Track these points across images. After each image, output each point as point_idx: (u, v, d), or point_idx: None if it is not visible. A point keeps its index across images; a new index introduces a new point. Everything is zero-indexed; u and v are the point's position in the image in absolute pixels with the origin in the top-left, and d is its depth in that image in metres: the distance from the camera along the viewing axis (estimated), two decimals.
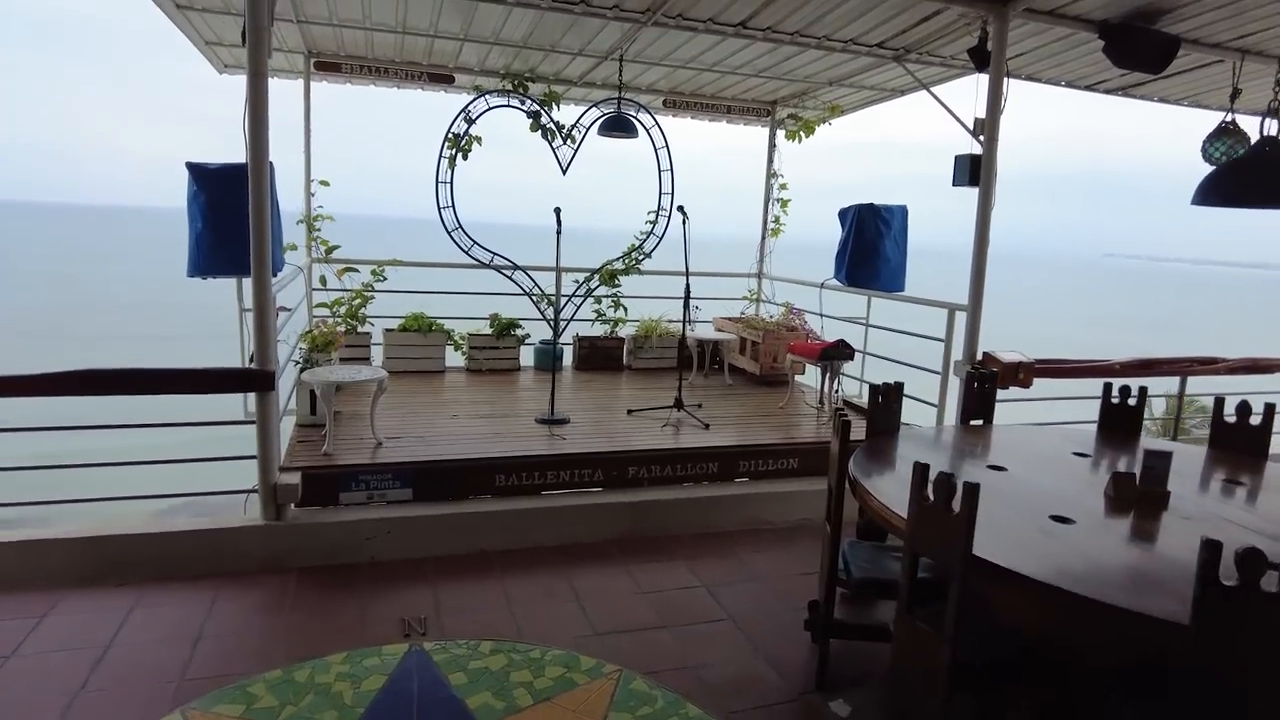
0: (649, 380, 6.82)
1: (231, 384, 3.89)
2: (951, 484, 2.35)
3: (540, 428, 5.08)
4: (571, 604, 3.60)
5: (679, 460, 4.78)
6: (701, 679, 3.06)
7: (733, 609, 3.64)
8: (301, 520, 3.94)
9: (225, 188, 4.78)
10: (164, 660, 3.02)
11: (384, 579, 3.77)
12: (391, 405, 5.36)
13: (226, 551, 3.81)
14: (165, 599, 3.51)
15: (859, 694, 3.03)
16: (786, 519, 4.76)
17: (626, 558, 4.14)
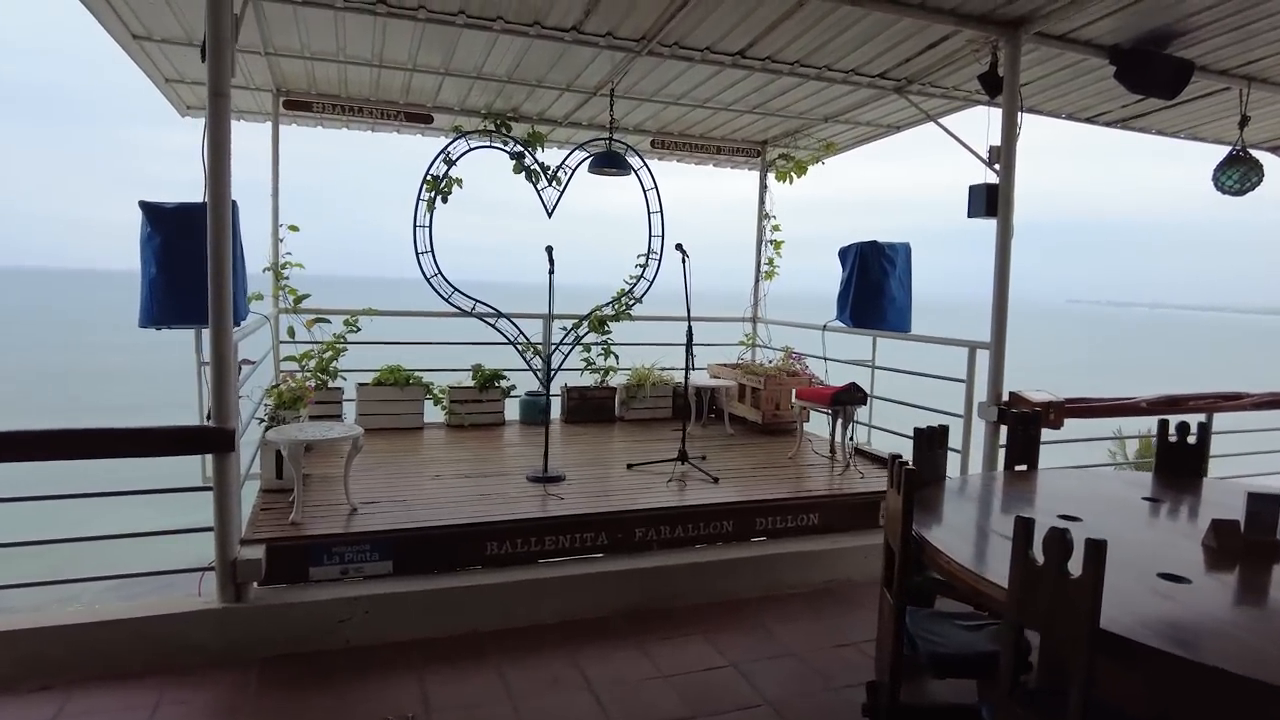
0: (644, 432, 6.37)
1: (185, 445, 3.38)
2: (1067, 542, 1.93)
3: (533, 487, 4.60)
4: (583, 693, 3.08)
5: (689, 519, 4.31)
6: None
7: (769, 692, 3.15)
8: (265, 601, 3.40)
9: (182, 229, 4.33)
10: None
11: (362, 669, 3.23)
12: (367, 466, 4.85)
13: (174, 642, 3.25)
14: (97, 705, 2.94)
15: None
16: (811, 582, 4.30)
17: (639, 634, 3.64)
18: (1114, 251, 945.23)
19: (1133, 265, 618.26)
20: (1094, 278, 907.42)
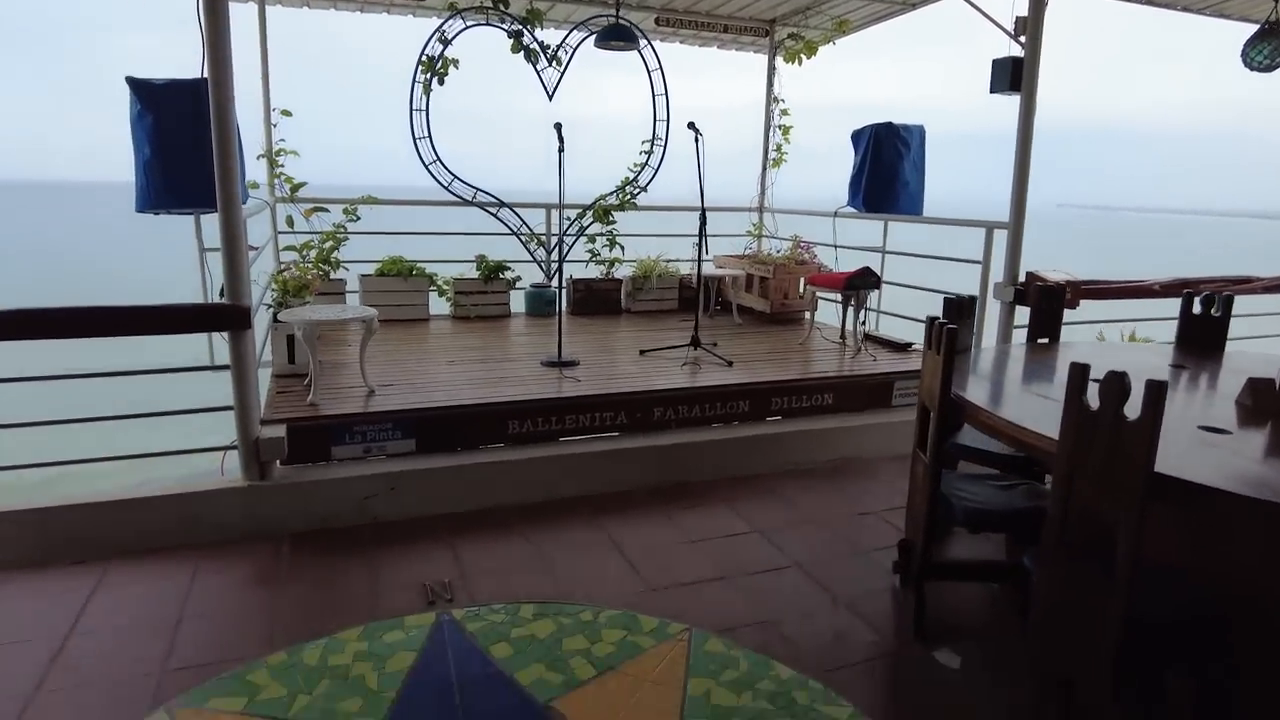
0: (652, 323, 6.32)
1: (200, 322, 3.29)
2: (1125, 385, 1.91)
3: (548, 371, 4.57)
4: (615, 557, 3.13)
5: (706, 400, 4.31)
6: (784, 636, 2.63)
7: (796, 555, 3.21)
8: (290, 479, 3.40)
9: (176, 106, 4.12)
10: (138, 650, 2.49)
11: (393, 541, 3.26)
12: (378, 353, 4.79)
13: (204, 519, 3.26)
14: (133, 578, 2.96)
15: (966, 644, 2.63)
16: (828, 458, 4.34)
17: (663, 505, 3.68)
18: (1102, 156, 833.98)
19: (1120, 169, 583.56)
20: (1081, 183, 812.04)
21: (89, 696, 2.26)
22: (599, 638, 2.53)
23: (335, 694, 2.22)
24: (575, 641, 2.50)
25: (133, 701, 2.23)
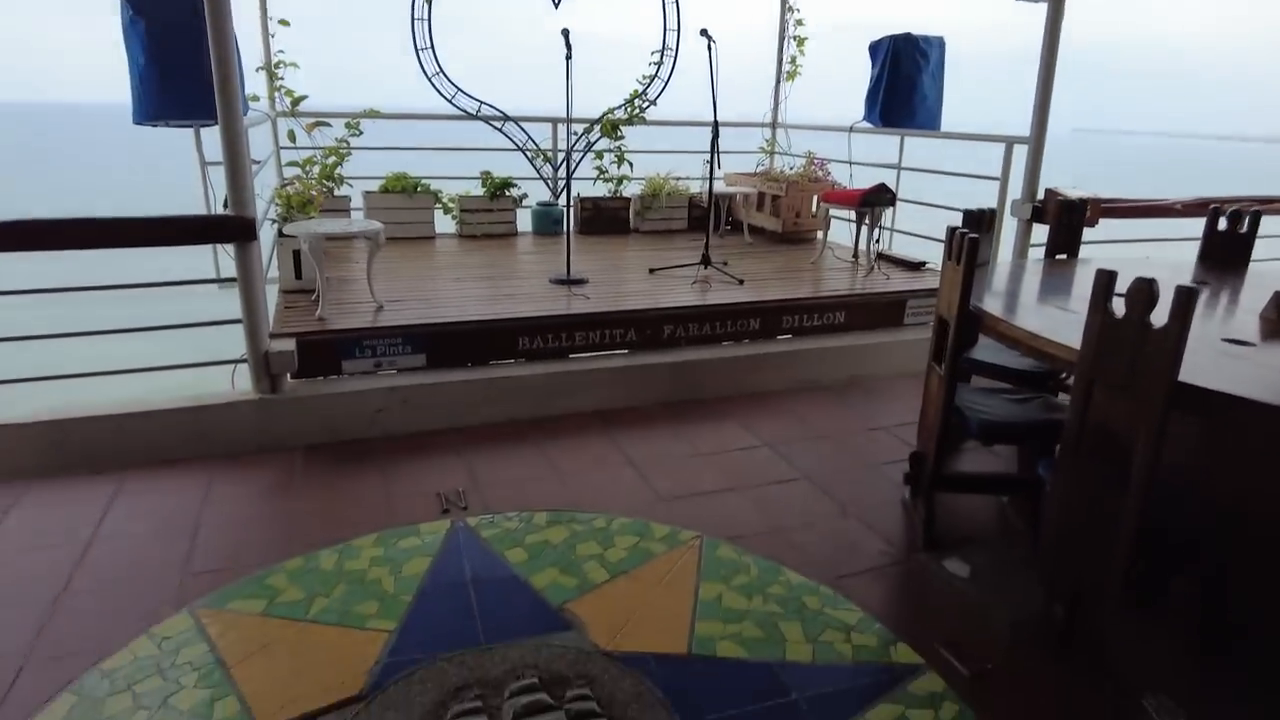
0: (661, 242, 6.22)
1: (204, 234, 3.25)
2: (1154, 292, 1.86)
3: (557, 289, 4.52)
4: (627, 470, 3.15)
5: (717, 317, 4.27)
6: (793, 543, 2.66)
7: (806, 468, 3.22)
8: (301, 393, 3.40)
9: (169, 11, 3.98)
10: (160, 555, 2.54)
11: (406, 453, 3.29)
12: (385, 270, 4.74)
13: (216, 431, 3.28)
14: (150, 487, 2.99)
15: (974, 553, 2.65)
16: (838, 376, 4.32)
17: (674, 420, 3.69)
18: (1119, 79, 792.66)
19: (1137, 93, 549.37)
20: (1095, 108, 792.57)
21: (114, 597, 2.31)
22: (612, 544, 2.56)
23: (352, 597, 2.27)
24: (588, 547, 2.54)
25: (156, 603, 2.27)
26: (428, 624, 2.15)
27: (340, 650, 2.04)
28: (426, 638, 2.09)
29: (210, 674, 1.96)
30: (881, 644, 2.15)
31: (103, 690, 1.91)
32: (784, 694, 1.93)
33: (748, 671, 2.01)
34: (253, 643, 2.07)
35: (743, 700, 1.91)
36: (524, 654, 2.04)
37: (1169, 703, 2.01)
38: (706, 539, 2.62)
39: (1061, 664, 2.13)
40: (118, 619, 2.20)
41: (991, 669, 2.09)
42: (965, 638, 2.21)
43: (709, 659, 2.05)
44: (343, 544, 2.55)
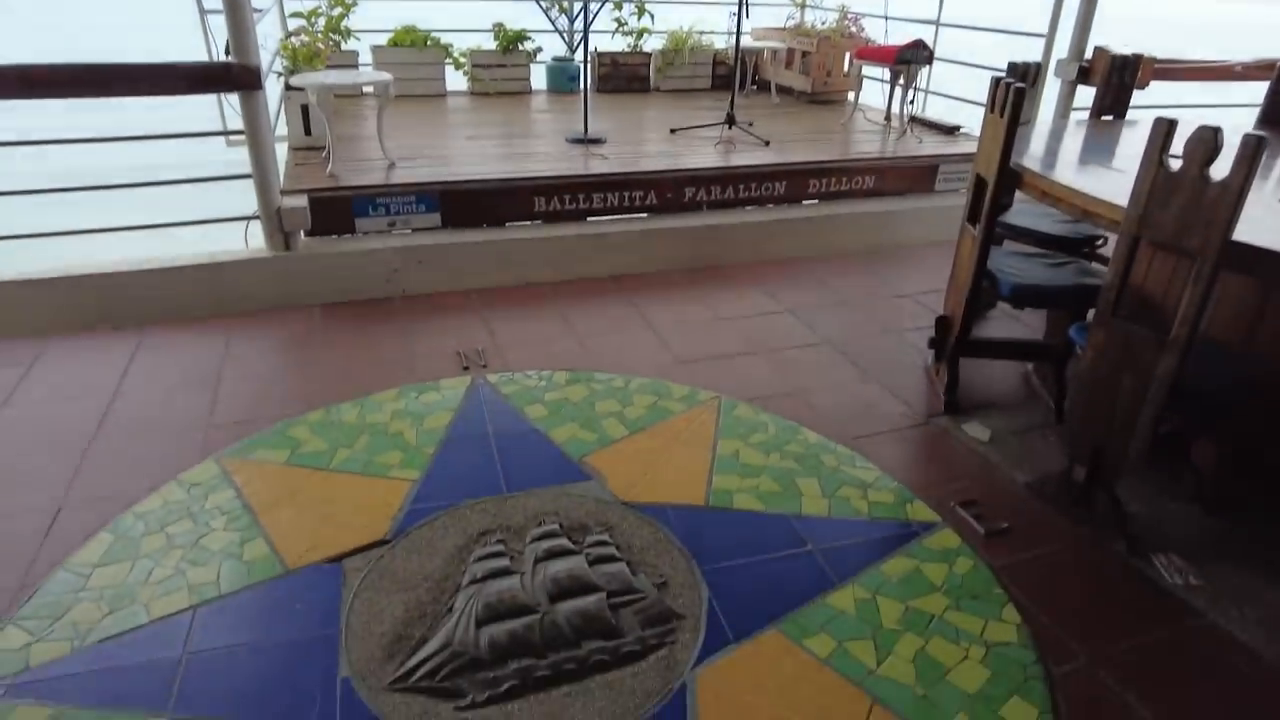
0: (683, 101, 5.94)
1: (207, 83, 3.10)
2: (1217, 141, 1.73)
3: (574, 148, 4.35)
4: (646, 333, 3.12)
5: (740, 180, 4.11)
6: (812, 405, 2.65)
7: (828, 333, 3.18)
8: (315, 251, 3.35)
9: None
10: (184, 406, 2.56)
11: (424, 312, 3.26)
12: (396, 127, 4.57)
13: (233, 288, 3.25)
14: (171, 342, 3.00)
15: (995, 418, 2.64)
16: (865, 243, 4.20)
17: (695, 285, 3.63)
18: None
19: None
20: None
21: (142, 446, 2.35)
22: (630, 402, 2.56)
23: (375, 448, 2.29)
24: (608, 405, 2.54)
25: (182, 451, 2.32)
26: (450, 473, 2.18)
27: (364, 497, 2.08)
28: (449, 486, 2.12)
29: (238, 518, 2.01)
30: (898, 501, 2.16)
31: (138, 531, 1.97)
32: (800, 544, 1.97)
33: (764, 523, 2.04)
34: (278, 490, 2.12)
35: (759, 549, 1.94)
36: (545, 502, 2.07)
37: (1179, 561, 2.03)
38: (725, 399, 2.62)
39: (1076, 524, 2.14)
40: (146, 466, 2.25)
41: (1007, 528, 2.11)
42: (982, 498, 2.22)
43: (726, 511, 2.08)
44: (364, 398, 2.56)
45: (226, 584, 1.80)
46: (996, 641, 1.73)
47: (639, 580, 1.82)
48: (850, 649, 1.67)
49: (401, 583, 1.80)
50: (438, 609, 1.73)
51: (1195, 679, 1.69)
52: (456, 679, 1.56)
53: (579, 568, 1.83)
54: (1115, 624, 1.82)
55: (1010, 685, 1.62)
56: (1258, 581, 1.97)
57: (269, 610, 1.72)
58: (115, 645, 1.64)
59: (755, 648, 1.66)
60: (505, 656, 1.61)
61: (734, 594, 1.80)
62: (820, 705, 1.54)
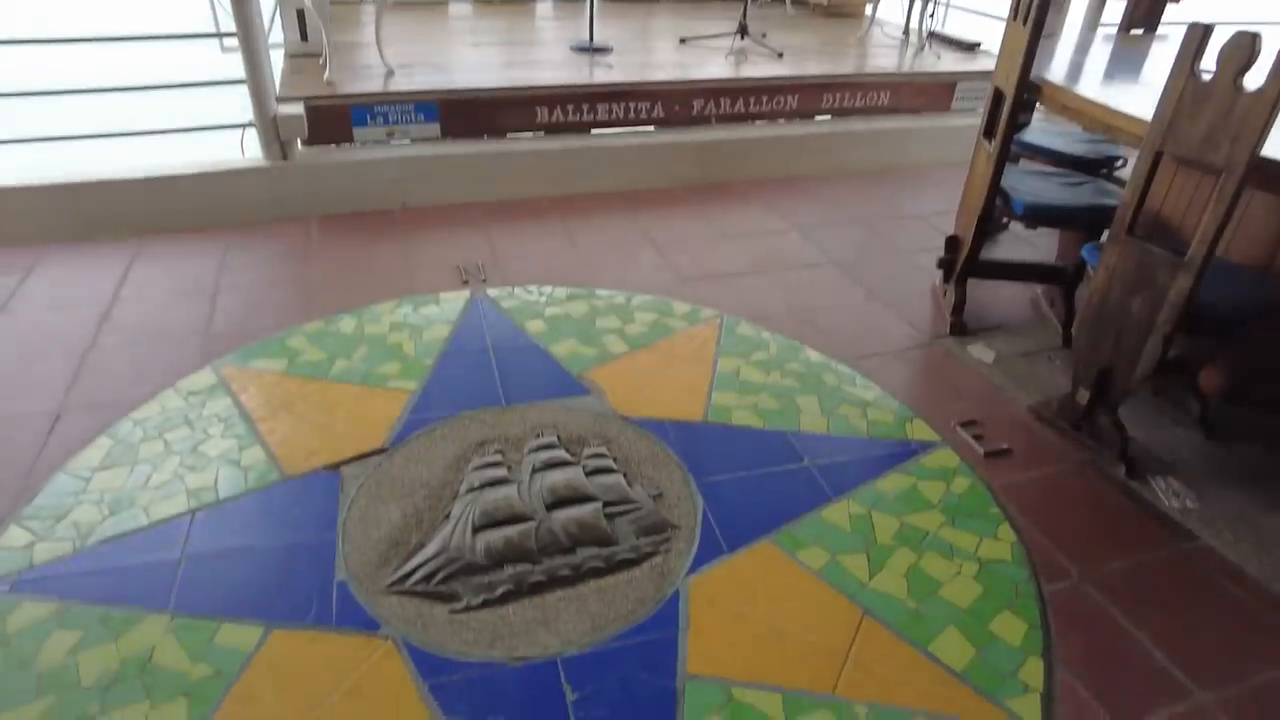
0: (693, 11, 5.71)
1: None
2: (1255, 47, 1.64)
3: (579, 56, 4.20)
4: (649, 250, 3.06)
5: (752, 93, 3.97)
6: (816, 325, 2.61)
7: (835, 254, 3.12)
8: (313, 160, 3.27)
9: None
10: (180, 315, 2.54)
11: (423, 226, 3.20)
12: (392, 37, 4.40)
13: (230, 198, 3.19)
14: (167, 252, 2.96)
15: (1000, 340, 2.60)
16: (878, 162, 4.09)
17: (701, 202, 3.55)
18: None
19: None
20: None
21: (139, 353, 2.34)
22: (631, 319, 2.53)
23: (373, 359, 2.28)
24: (608, 321, 2.51)
25: (180, 359, 2.30)
26: (449, 385, 2.17)
27: (362, 407, 2.08)
28: (448, 398, 2.12)
29: (236, 426, 2.01)
30: (898, 420, 2.15)
31: (136, 436, 1.98)
32: (796, 460, 1.96)
33: (761, 439, 2.03)
34: (276, 398, 2.11)
35: (756, 464, 1.94)
36: (543, 414, 2.07)
37: (1177, 486, 2.02)
38: (727, 317, 2.58)
39: (1077, 448, 2.13)
40: (145, 374, 2.24)
41: (1007, 449, 2.10)
42: (984, 419, 2.20)
43: (724, 426, 2.07)
44: (362, 309, 2.53)
45: (224, 489, 1.81)
46: (990, 559, 1.74)
47: (635, 491, 1.82)
48: (843, 562, 1.68)
49: (399, 490, 1.81)
50: (435, 516, 1.74)
51: (1185, 599, 1.70)
52: (452, 583, 1.58)
53: (576, 478, 1.83)
54: (1110, 544, 1.83)
55: (1001, 601, 1.63)
56: (1254, 507, 1.97)
57: (266, 515, 1.74)
58: (116, 546, 1.66)
59: (748, 558, 1.67)
60: (500, 562, 1.62)
61: (729, 506, 1.80)
62: (811, 615, 1.55)
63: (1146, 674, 1.53)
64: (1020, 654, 1.53)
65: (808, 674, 1.44)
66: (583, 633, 1.50)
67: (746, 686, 1.41)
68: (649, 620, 1.53)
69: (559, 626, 1.51)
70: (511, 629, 1.50)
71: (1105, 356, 2.04)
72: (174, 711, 1.33)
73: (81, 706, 1.34)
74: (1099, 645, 1.58)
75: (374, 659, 1.42)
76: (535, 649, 1.46)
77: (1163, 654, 1.57)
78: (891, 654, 1.49)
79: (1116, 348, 2.01)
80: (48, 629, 1.47)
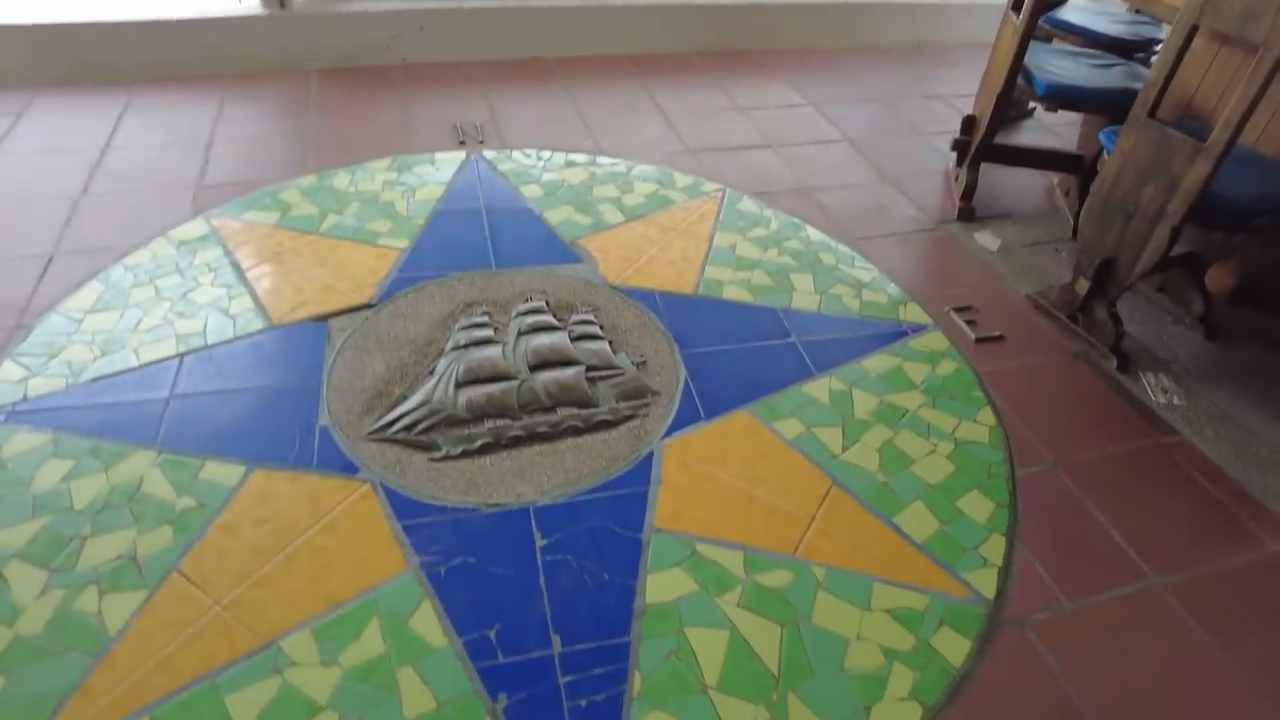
0: None
1: None
2: None
3: None
4: (656, 118, 2.96)
5: None
6: (820, 203, 2.54)
7: (849, 130, 3.00)
8: (312, 11, 3.12)
9: None
10: (174, 165, 2.50)
11: (424, 83, 3.09)
12: None
13: (226, 48, 3.07)
14: (161, 102, 2.88)
15: (1008, 229, 2.53)
16: (902, 38, 3.88)
17: (716, 70, 3.39)
18: None
19: None
20: None
21: (132, 202, 2.32)
22: (630, 189, 2.47)
23: (365, 215, 2.25)
24: (606, 190, 2.45)
25: (172, 209, 2.28)
26: (439, 245, 2.15)
27: (352, 262, 2.07)
28: (437, 258, 2.10)
29: (225, 275, 2.01)
30: (891, 302, 2.12)
31: (127, 282, 1.98)
32: (784, 335, 1.96)
33: (751, 314, 2.02)
34: (266, 250, 2.10)
35: (742, 338, 1.93)
36: (533, 279, 2.05)
37: (1167, 382, 2.01)
38: (729, 191, 2.52)
39: (1071, 339, 2.11)
40: (136, 222, 2.22)
41: (1000, 336, 2.08)
42: (980, 306, 2.17)
43: (714, 300, 2.06)
44: (356, 165, 2.48)
45: (213, 336, 1.83)
46: (966, 440, 1.75)
47: (619, 358, 1.83)
48: (818, 434, 1.70)
49: (385, 344, 1.82)
50: (419, 370, 1.76)
51: (1155, 490, 1.72)
52: (432, 433, 1.61)
53: (561, 342, 1.83)
54: (1090, 435, 1.83)
55: (972, 481, 1.66)
56: (1242, 407, 1.95)
57: (253, 362, 1.76)
58: (107, 384, 1.69)
59: (725, 425, 1.70)
60: (481, 416, 1.65)
61: (711, 376, 1.81)
62: (781, 481, 1.58)
63: (1104, 557, 1.56)
64: (984, 531, 1.56)
65: (771, 536, 1.48)
66: (557, 485, 1.54)
67: (711, 543, 1.45)
68: (622, 476, 1.56)
69: (534, 478, 1.55)
70: (488, 478, 1.54)
71: (1109, 246, 1.99)
72: (159, 538, 1.39)
73: (74, 527, 1.40)
74: (1063, 528, 1.61)
75: (351, 499, 1.47)
76: (509, 498, 1.50)
77: (1124, 539, 1.60)
78: (856, 523, 1.53)
79: (1122, 237, 1.95)
80: (42, 456, 1.53)
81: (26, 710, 1.16)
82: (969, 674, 1.33)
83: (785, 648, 1.31)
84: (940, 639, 1.36)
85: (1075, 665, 1.36)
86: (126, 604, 1.29)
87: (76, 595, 1.30)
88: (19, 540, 1.38)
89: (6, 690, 1.19)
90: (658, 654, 1.28)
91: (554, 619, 1.32)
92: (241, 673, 1.21)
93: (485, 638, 1.28)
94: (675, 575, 1.40)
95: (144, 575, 1.33)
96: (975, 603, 1.42)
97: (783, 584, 1.40)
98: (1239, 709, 1.34)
